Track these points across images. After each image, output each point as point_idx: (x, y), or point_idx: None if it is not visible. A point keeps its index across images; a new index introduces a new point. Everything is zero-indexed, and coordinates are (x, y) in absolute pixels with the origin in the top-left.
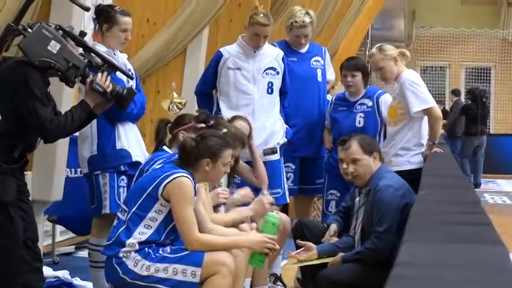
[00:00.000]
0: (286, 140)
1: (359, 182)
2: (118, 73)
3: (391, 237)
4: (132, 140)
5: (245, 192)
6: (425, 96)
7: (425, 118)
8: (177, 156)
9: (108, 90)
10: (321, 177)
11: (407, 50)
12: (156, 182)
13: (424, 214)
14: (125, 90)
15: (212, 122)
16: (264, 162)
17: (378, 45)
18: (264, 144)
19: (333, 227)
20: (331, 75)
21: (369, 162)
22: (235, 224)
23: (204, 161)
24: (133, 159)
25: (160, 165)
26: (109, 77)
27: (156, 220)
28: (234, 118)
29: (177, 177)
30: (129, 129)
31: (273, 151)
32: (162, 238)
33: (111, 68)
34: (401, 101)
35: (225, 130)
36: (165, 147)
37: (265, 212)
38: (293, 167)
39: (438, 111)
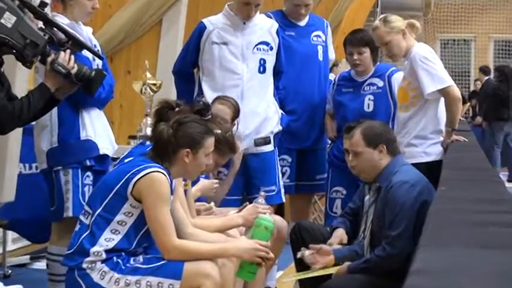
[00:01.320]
0: (281, 128)
1: (364, 178)
2: (84, 51)
3: (406, 242)
4: (99, 129)
5: (203, 184)
6: (441, 74)
7: (442, 100)
8: (149, 148)
9: (73, 71)
10: (322, 171)
11: (425, 20)
12: (124, 179)
13: (444, 214)
14: (93, 72)
15: (209, 116)
16: (256, 155)
17: (381, 16)
18: (255, 133)
19: (340, 231)
20: (331, 53)
21: (372, 156)
22: (224, 229)
23: (183, 151)
24: (101, 152)
25: (130, 159)
26: (73, 56)
27: (126, 224)
28: (216, 100)
29: (149, 172)
30: (96, 116)
31: (265, 141)
32: (134, 245)
33: (76, 45)
34: (412, 81)
35: (218, 131)
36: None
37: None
38: (289, 160)
39: (456, 91)
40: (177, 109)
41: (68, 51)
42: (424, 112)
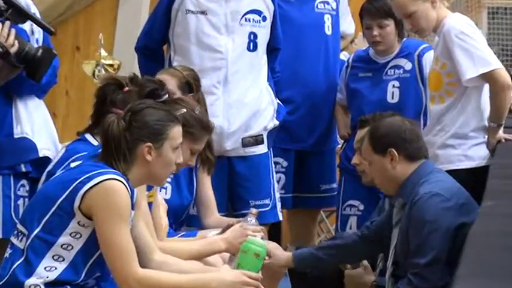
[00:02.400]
0: (277, 123)
1: (384, 191)
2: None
3: (439, 273)
4: (37, 124)
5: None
6: (484, 54)
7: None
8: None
9: (13, 50)
10: (330, 180)
11: None
12: (70, 189)
13: (490, 237)
14: (39, 51)
15: (165, 97)
16: (244, 158)
17: None
18: (243, 130)
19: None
20: (348, 26)
21: (383, 166)
22: (202, 256)
23: (142, 147)
24: (40, 154)
25: (77, 163)
26: (13, 30)
27: (72, 248)
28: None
29: (102, 180)
30: (34, 107)
31: (256, 140)
32: (82, 276)
33: (18, 15)
34: (446, 63)
35: (183, 111)
36: (87, 136)
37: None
38: (285, 164)
39: (505, 75)
40: (126, 88)
41: (7, 22)
42: (464, 103)
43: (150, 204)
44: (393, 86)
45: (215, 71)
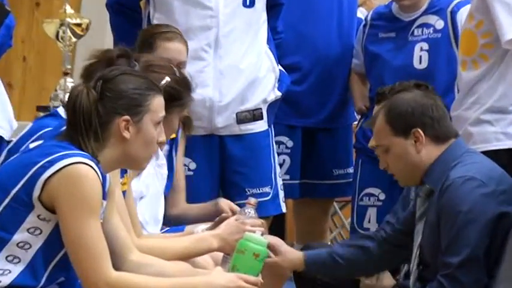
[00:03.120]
0: (279, 94)
1: (403, 182)
2: None
3: (475, 274)
4: None
5: (228, 227)
6: None
7: None
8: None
9: None
10: (345, 164)
11: None
12: (27, 176)
13: None
14: None
15: (142, 63)
16: (239, 137)
17: None
18: (238, 103)
19: None
20: None
21: (405, 151)
22: (190, 256)
23: (118, 122)
24: None
25: (37, 144)
26: None
27: (30, 247)
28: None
29: (67, 165)
30: None
31: (254, 115)
32: (43, 281)
33: None
34: (482, 20)
35: (166, 79)
36: (60, 110)
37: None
38: (290, 144)
39: None
40: (137, 67)
41: None
42: (502, 71)
43: (124, 193)
44: (421, 48)
45: (204, 32)
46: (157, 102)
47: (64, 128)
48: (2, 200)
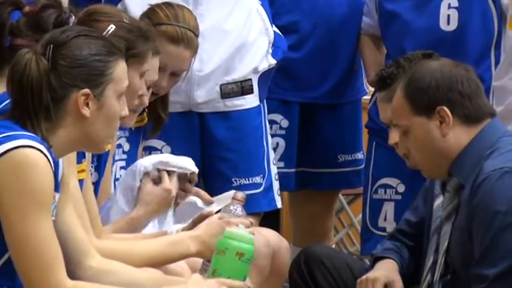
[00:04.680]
0: (273, 62)
1: (430, 176)
2: None
3: None
4: None
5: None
6: None
7: None
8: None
9: None
10: (353, 148)
11: None
12: None
13: None
14: None
15: (73, 20)
16: (224, 115)
17: None
18: (222, 73)
19: (388, 265)
20: None
21: (427, 132)
22: (162, 262)
23: (75, 96)
24: None
25: None
26: None
27: None
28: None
29: (11, 149)
30: None
31: (242, 88)
32: None
33: None
34: None
35: (112, 27)
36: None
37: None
38: (285, 124)
39: None
40: (27, 8)
41: None
42: None
43: (81, 182)
44: (449, 5)
45: None
46: (121, 69)
47: (4, 103)
48: None
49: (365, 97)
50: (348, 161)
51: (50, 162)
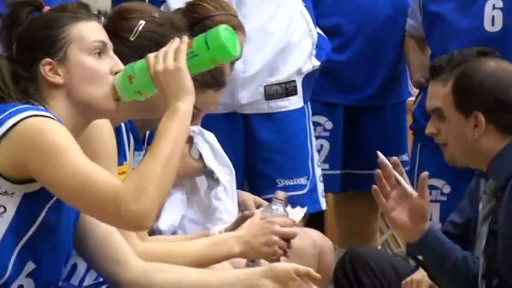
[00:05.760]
0: (317, 64)
1: (457, 162)
2: None
3: None
4: None
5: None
6: None
7: None
8: None
9: None
10: (398, 149)
11: None
12: None
13: None
14: None
15: (110, 14)
16: (268, 116)
17: None
18: (266, 74)
19: None
20: None
21: (460, 129)
22: (206, 263)
23: (40, 68)
24: None
25: None
26: None
27: None
28: None
29: (18, 122)
30: None
31: (286, 90)
32: (9, 269)
33: None
34: None
35: (142, 23)
36: None
37: (276, 255)
38: (329, 126)
39: None
40: (45, 9)
41: None
42: None
43: None
44: (493, 6)
45: None
46: (80, 28)
47: None
48: None
49: (410, 99)
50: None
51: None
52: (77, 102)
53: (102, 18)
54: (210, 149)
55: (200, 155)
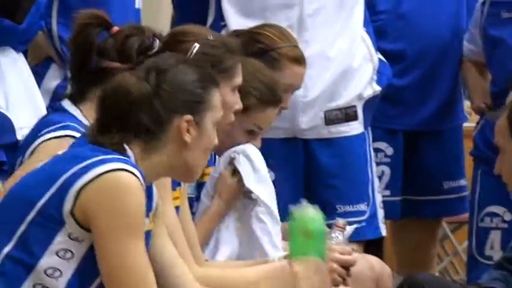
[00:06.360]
0: (378, 89)
1: None
2: None
3: None
4: (15, 91)
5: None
6: None
7: None
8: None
9: None
10: (456, 175)
11: None
12: (56, 187)
13: None
14: None
15: (166, 37)
16: (328, 142)
17: None
18: (327, 99)
19: None
20: None
21: None
22: None
23: (177, 122)
24: (19, 137)
25: (68, 147)
26: None
27: (61, 274)
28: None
29: (106, 172)
30: (9, 65)
31: (347, 115)
32: None
33: None
34: None
35: (196, 46)
36: (66, 105)
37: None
38: (389, 152)
39: None
40: (116, 28)
41: None
42: None
43: (177, 209)
44: None
45: (285, 10)
46: (218, 98)
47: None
48: (26, 215)
49: (465, 124)
50: (452, 187)
51: (142, 186)
52: (181, 162)
53: (157, 41)
54: (252, 168)
55: (240, 175)
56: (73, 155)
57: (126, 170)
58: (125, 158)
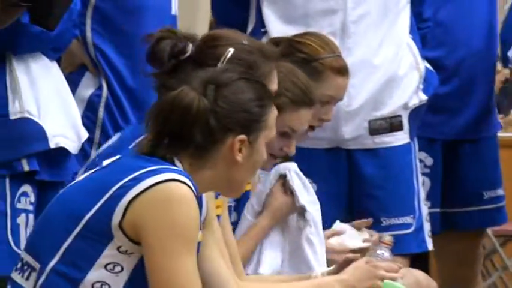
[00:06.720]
0: (424, 99)
1: None
2: None
3: None
4: (47, 98)
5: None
6: None
7: None
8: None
9: None
10: (495, 183)
11: None
12: (104, 199)
13: None
14: None
15: (199, 41)
16: (373, 152)
17: None
18: (371, 108)
19: None
20: None
21: None
22: None
23: (230, 140)
24: (52, 145)
25: (114, 159)
26: None
27: None
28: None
29: (158, 182)
30: (42, 73)
31: (392, 125)
32: None
33: None
34: None
35: (231, 50)
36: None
37: None
38: (429, 162)
39: None
40: (190, 46)
41: None
42: None
43: (218, 218)
44: None
45: (327, 16)
46: (273, 116)
47: (142, 138)
48: (72, 228)
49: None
50: (492, 197)
51: (196, 198)
52: (228, 179)
53: (190, 45)
54: (303, 185)
55: (292, 192)
56: (122, 166)
57: (179, 181)
58: (178, 168)
